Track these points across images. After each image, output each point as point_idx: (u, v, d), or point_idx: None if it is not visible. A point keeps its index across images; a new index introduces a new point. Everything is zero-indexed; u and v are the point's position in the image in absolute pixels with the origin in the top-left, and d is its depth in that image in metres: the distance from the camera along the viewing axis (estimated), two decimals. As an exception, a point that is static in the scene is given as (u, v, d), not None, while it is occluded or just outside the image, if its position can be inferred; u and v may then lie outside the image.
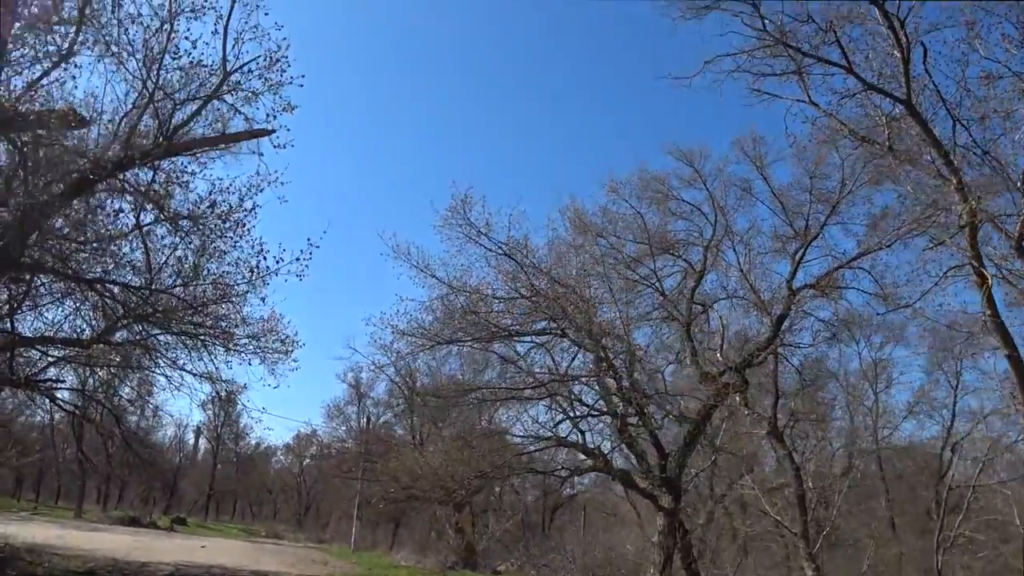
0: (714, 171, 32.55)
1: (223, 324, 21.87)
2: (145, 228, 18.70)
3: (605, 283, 28.30)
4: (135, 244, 19.77)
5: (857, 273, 30.43)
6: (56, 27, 14.48)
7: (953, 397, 51.33)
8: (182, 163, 15.99)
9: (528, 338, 27.94)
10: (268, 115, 15.90)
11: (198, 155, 16.02)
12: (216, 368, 21.76)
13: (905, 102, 17.93)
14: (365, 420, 60.72)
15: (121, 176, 15.01)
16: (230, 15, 15.56)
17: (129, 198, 16.89)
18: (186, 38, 15.29)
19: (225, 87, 15.71)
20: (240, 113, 15.89)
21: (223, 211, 17.04)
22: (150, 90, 14.85)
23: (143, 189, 16.28)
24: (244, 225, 17.25)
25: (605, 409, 27.73)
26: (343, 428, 65.96)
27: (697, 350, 30.58)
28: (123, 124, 14.96)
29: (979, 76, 18.56)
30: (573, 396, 27.65)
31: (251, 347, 23.25)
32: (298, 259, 16.90)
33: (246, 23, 15.37)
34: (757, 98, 20.89)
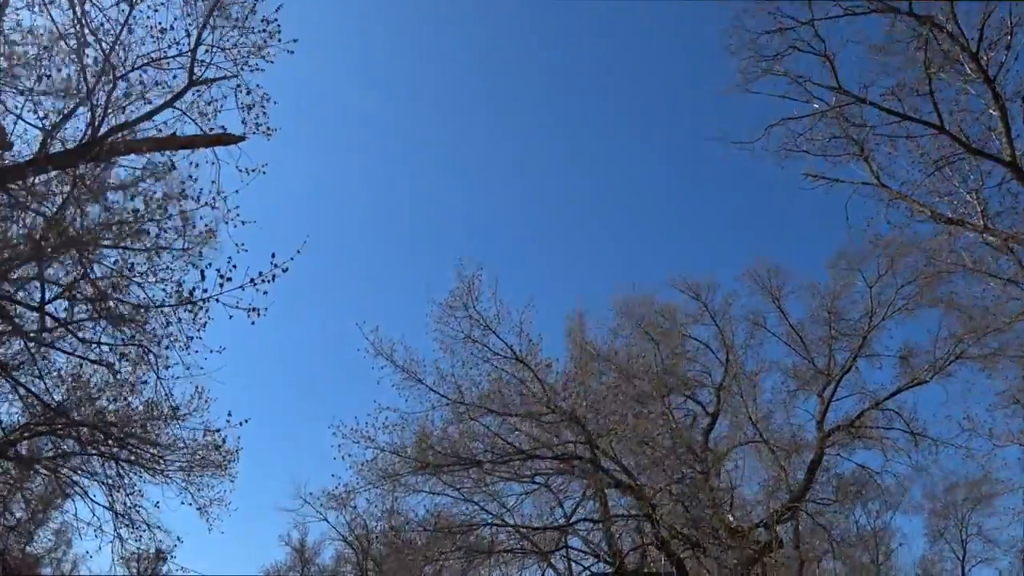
0: (723, 305, 29.16)
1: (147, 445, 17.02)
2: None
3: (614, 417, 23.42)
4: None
5: (891, 416, 26.27)
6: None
7: (961, 569, 45.97)
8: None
9: (520, 481, 22.34)
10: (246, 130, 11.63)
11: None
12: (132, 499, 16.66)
13: (1010, 164, 14.43)
14: (308, 590, 52.08)
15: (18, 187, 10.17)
16: (210, 14, 11.65)
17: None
18: (151, 28, 11.26)
19: (189, 95, 11.51)
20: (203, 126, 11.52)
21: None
22: (89, 84, 10.50)
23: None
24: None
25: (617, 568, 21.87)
26: (282, 598, 56.09)
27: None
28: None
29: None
30: (580, 549, 21.82)
31: (180, 479, 18.23)
32: (253, 282, 11.53)
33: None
34: (813, 184, 17.61)
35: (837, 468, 28.51)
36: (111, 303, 11.14)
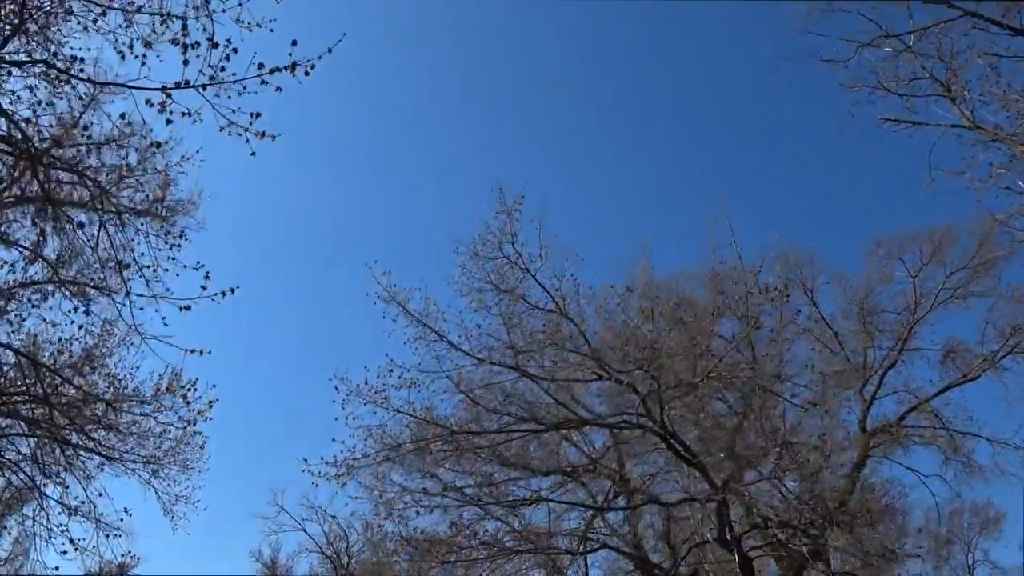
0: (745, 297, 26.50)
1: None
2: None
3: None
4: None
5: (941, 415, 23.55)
6: None
7: (967, 597, 43.36)
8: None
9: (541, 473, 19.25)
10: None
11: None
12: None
13: None
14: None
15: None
16: None
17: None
18: None
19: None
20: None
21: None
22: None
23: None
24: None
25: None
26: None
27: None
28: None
29: None
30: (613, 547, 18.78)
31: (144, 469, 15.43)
32: (260, 69, 7.87)
33: None
34: (892, 129, 15.27)
35: (881, 472, 25.93)
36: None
